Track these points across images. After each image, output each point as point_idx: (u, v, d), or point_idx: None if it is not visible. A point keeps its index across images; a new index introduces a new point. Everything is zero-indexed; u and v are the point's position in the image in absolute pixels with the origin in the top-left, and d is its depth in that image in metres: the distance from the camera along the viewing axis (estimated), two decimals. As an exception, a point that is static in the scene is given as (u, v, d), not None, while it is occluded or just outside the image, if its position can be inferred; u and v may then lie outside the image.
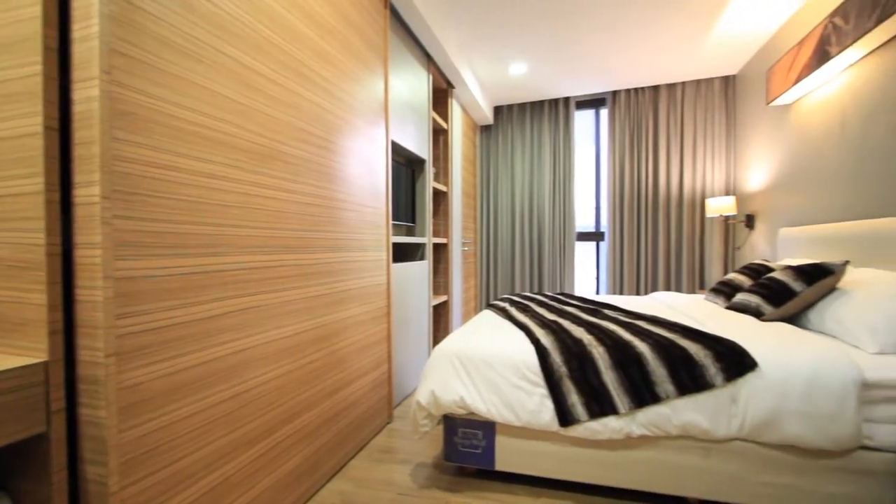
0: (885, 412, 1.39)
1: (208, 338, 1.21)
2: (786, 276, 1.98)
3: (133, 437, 1.00)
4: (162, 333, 1.08)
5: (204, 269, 1.20)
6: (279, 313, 1.51)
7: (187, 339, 1.15)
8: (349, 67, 1.98)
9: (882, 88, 2.12)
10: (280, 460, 1.51)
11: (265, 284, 1.44)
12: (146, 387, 1.04)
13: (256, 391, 1.40)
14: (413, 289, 2.87)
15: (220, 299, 1.25)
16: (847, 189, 2.40)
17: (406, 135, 2.75)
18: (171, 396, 1.10)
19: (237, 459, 1.32)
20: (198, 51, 1.18)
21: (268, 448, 1.45)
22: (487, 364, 1.70)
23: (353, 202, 2.02)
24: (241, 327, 1.33)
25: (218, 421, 1.25)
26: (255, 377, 1.40)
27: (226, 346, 1.28)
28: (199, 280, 1.18)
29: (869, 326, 1.57)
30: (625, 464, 1.61)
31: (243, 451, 1.35)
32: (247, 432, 1.36)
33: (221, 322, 1.26)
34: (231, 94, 1.29)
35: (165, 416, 1.09)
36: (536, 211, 4.71)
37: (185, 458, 1.14)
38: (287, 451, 1.55)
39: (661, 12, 2.97)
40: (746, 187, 3.78)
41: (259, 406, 1.42)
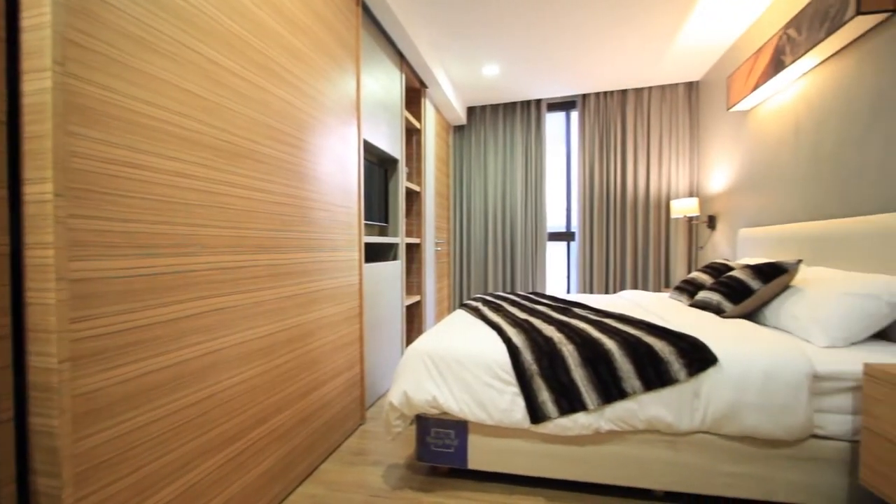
0: (835, 402, 1.47)
1: (175, 340, 1.17)
2: (744, 274, 2.08)
3: (90, 446, 0.96)
4: (123, 337, 1.03)
5: (170, 269, 1.16)
6: (251, 314, 1.48)
7: (152, 342, 1.11)
8: (320, 65, 1.95)
9: (832, 97, 2.25)
10: (251, 464, 1.48)
11: (236, 285, 1.40)
12: (105, 393, 0.99)
13: (227, 394, 1.37)
14: (386, 289, 2.85)
15: (187, 301, 1.21)
16: (801, 192, 2.53)
17: (379, 134, 2.73)
18: (134, 402, 1.06)
19: (206, 464, 1.28)
20: (160, 44, 1.14)
21: (238, 451, 1.42)
22: (460, 363, 1.71)
23: (325, 202, 1.99)
24: (210, 329, 1.30)
25: (186, 425, 1.21)
26: (225, 379, 1.36)
27: (194, 348, 1.24)
28: (164, 281, 1.14)
29: (820, 322, 1.66)
30: (594, 459, 1.65)
31: (213, 456, 1.31)
32: (217, 436, 1.32)
33: (189, 324, 1.22)
34: (196, 89, 1.26)
35: (127, 423, 1.04)
36: (509, 211, 4.76)
37: (149, 465, 1.10)
38: (258, 454, 1.52)
39: (627, 19, 3.05)
40: (708, 189, 3.94)
41: (230, 409, 1.38)
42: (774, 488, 1.52)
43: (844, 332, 1.61)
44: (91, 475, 0.96)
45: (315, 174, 1.91)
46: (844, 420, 1.46)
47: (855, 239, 1.92)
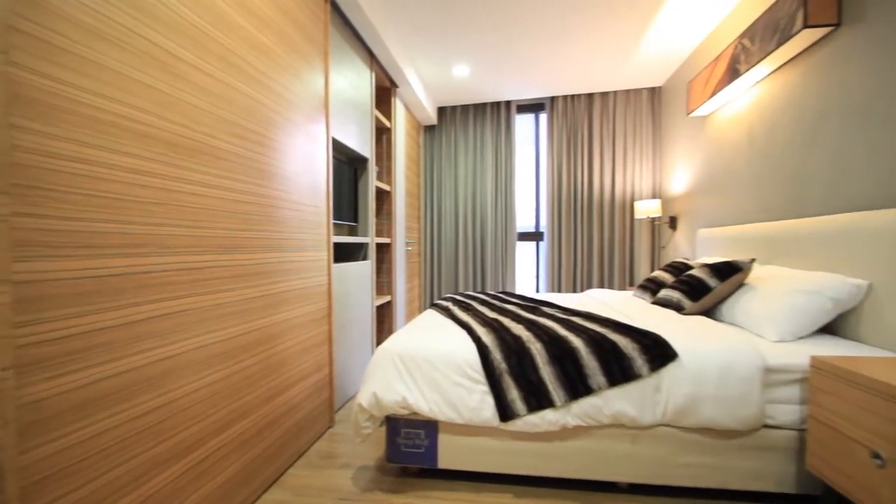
0: (784, 394, 1.55)
1: (129, 345, 1.12)
2: (702, 273, 2.17)
3: (37, 459, 0.91)
4: (72, 342, 0.98)
5: (122, 270, 1.11)
6: (211, 317, 1.43)
7: (103, 347, 1.05)
8: (287, 61, 1.91)
9: (782, 105, 2.37)
10: (213, 472, 1.43)
11: (194, 287, 1.35)
12: (52, 402, 0.94)
13: (186, 400, 1.32)
14: (355, 289, 2.82)
15: (142, 303, 1.16)
16: (754, 194, 2.66)
17: (348, 132, 2.70)
18: (84, 411, 1.01)
19: (164, 474, 1.23)
20: (114, 33, 1.09)
21: (199, 460, 1.37)
22: (430, 363, 1.71)
23: (292, 200, 1.95)
24: (166, 333, 1.24)
25: (141, 434, 1.16)
26: (184, 385, 1.31)
27: (150, 353, 1.19)
28: (116, 283, 1.09)
29: (770, 318, 1.76)
30: (561, 454, 1.68)
31: (171, 465, 1.26)
32: (175, 444, 1.27)
33: (145, 328, 1.17)
34: (153, 82, 1.20)
35: (77, 433, 0.99)
36: (479, 211, 4.79)
37: (101, 478, 1.05)
38: (220, 462, 1.47)
39: (593, 26, 3.13)
40: (670, 191, 4.09)
41: (189, 416, 1.33)
42: (729, 477, 1.59)
43: (793, 327, 1.70)
44: (38, 489, 0.91)
45: (282, 172, 1.87)
46: (793, 410, 1.54)
47: (802, 239, 2.04)
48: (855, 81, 1.86)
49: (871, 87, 1.77)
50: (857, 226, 1.72)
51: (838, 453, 1.34)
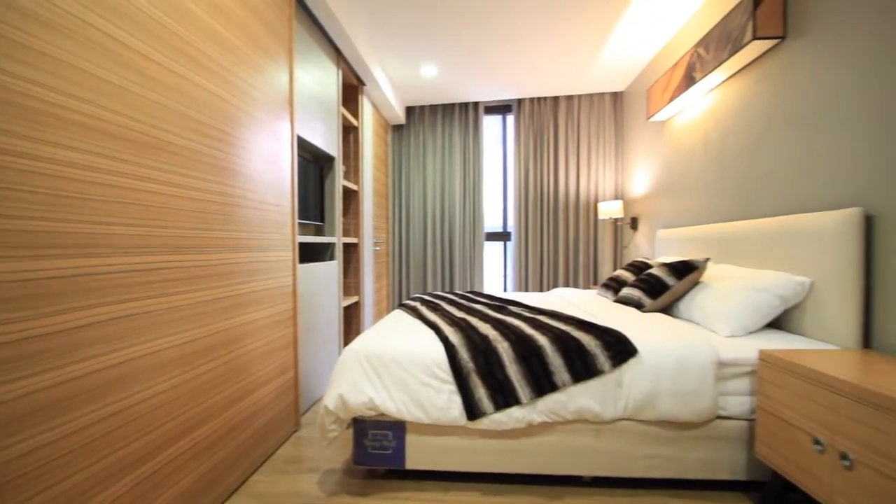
0: (736, 386, 1.63)
1: (73, 352, 1.06)
2: (661, 271, 2.25)
3: (-32, 475, 0.84)
4: (7, 350, 0.91)
5: (64, 273, 1.04)
6: (166, 320, 1.37)
7: (43, 355, 0.99)
8: (249, 55, 1.85)
9: (734, 112, 2.49)
10: (169, 482, 1.37)
11: (146, 289, 1.29)
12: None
13: (139, 409, 1.25)
14: (322, 290, 2.77)
15: (89, 307, 1.10)
16: (709, 197, 2.79)
17: (314, 130, 2.64)
18: (20, 424, 0.94)
19: (113, 488, 1.17)
20: (57, 20, 1.02)
21: (153, 470, 1.31)
22: (397, 363, 1.70)
23: (255, 199, 1.89)
24: (117, 338, 1.18)
25: (87, 447, 1.10)
26: (137, 393, 1.25)
27: (98, 360, 1.12)
28: (60, 286, 1.03)
29: (723, 314, 1.84)
30: (527, 450, 1.70)
31: (121, 478, 1.19)
32: (126, 455, 1.21)
33: (92, 333, 1.11)
34: (102, 73, 1.14)
35: (12, 448, 0.92)
36: (447, 211, 4.80)
37: (41, 495, 0.98)
38: (178, 471, 1.41)
39: (558, 30, 3.19)
40: (631, 193, 4.22)
41: (142, 425, 1.27)
42: (686, 467, 1.66)
43: (743, 322, 1.79)
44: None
45: (244, 170, 1.81)
46: (743, 401, 1.63)
47: (752, 239, 2.15)
48: (798, 90, 1.98)
49: (813, 96, 1.89)
50: (800, 227, 1.83)
51: (784, 441, 1.42)
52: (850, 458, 1.17)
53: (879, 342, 1.56)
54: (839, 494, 1.21)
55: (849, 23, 1.71)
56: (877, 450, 1.10)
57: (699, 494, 1.67)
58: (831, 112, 1.79)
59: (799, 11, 1.97)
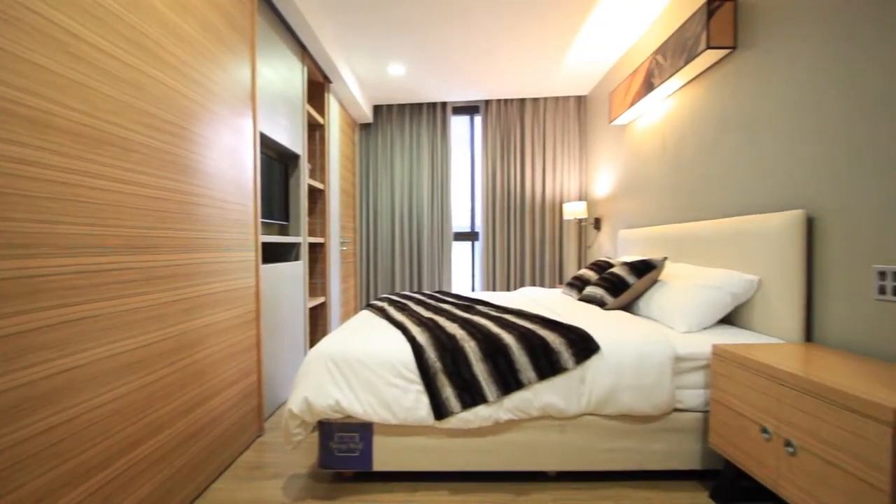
0: (691, 379, 1.71)
1: (15, 359, 0.99)
2: (622, 270, 2.33)
3: None
4: (-59, 357, 0.85)
5: (10, 274, 0.98)
6: (119, 324, 1.30)
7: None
8: (209, 49, 1.79)
9: (690, 118, 2.61)
10: (124, 492, 1.30)
11: (98, 291, 1.23)
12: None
13: (89, 417, 1.19)
14: (287, 291, 2.71)
15: (33, 311, 1.03)
16: (666, 198, 2.91)
17: (278, 127, 2.58)
18: (-43, 435, 0.88)
19: (65, 499, 1.10)
20: (2, 8, 0.96)
21: (107, 480, 1.24)
22: (363, 364, 1.68)
23: (215, 197, 1.83)
24: (66, 343, 1.12)
25: (37, 456, 1.03)
26: (87, 401, 1.18)
27: (44, 366, 1.06)
28: (1, 288, 0.96)
29: (679, 311, 1.93)
30: (493, 448, 1.73)
31: (74, 488, 1.13)
32: (75, 467, 1.15)
33: (37, 338, 1.04)
34: (49, 63, 1.08)
35: (-52, 462, 0.86)
36: (415, 211, 4.80)
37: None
38: (134, 481, 1.35)
39: (524, 32, 3.25)
40: (595, 194, 4.35)
41: (93, 434, 1.20)
42: (645, 458, 1.73)
43: (698, 318, 1.88)
44: None
45: (203, 167, 1.75)
46: (698, 394, 1.71)
47: (706, 239, 2.26)
48: (748, 98, 2.09)
49: (760, 104, 2.00)
50: (750, 227, 1.93)
51: (735, 431, 1.51)
52: (794, 445, 1.25)
53: (819, 335, 1.68)
54: (784, 479, 1.30)
55: (793, 36, 1.82)
56: (817, 436, 1.19)
57: (657, 485, 1.75)
58: (777, 120, 1.91)
59: (748, 24, 2.09)
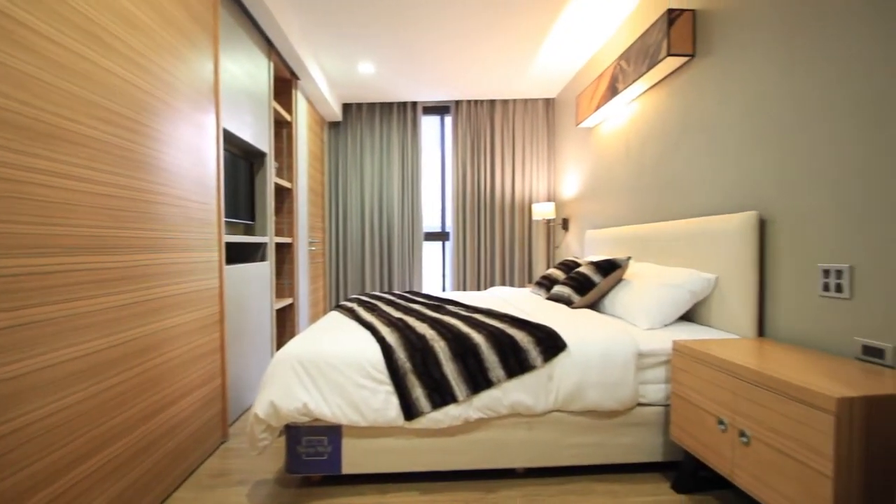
0: (654, 375, 1.77)
1: (-51, 367, 0.92)
2: (589, 270, 2.38)
3: None
4: None
5: (-59, 276, 0.91)
6: (70, 328, 1.23)
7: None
8: (168, 40, 1.72)
9: (653, 122, 2.70)
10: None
11: (46, 294, 1.16)
12: None
13: (34, 429, 1.12)
14: (252, 292, 2.63)
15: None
16: (630, 200, 3.00)
17: (243, 124, 2.51)
18: None
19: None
20: (-73, -13, 0.89)
21: (55, 495, 1.17)
22: (332, 366, 1.66)
23: (175, 196, 1.76)
24: (10, 349, 1.05)
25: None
26: (33, 410, 1.11)
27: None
28: (-69, 292, 0.89)
29: (642, 308, 1.99)
30: (463, 447, 1.73)
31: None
32: (17, 483, 1.08)
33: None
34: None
35: None
36: (386, 211, 4.76)
37: None
38: (85, 494, 1.28)
39: (493, 34, 3.28)
40: (563, 195, 4.44)
41: (42, 445, 1.13)
42: (610, 452, 1.77)
43: (660, 316, 1.95)
44: None
45: (162, 164, 1.68)
46: (660, 388, 1.77)
47: (667, 239, 2.34)
48: (706, 104, 2.18)
49: (717, 109, 2.10)
50: (708, 228, 2.02)
51: (694, 423, 1.57)
52: (748, 435, 1.31)
53: (771, 330, 1.77)
54: (739, 468, 1.36)
55: (745, 46, 1.91)
56: (768, 426, 1.25)
57: (622, 478, 1.80)
58: (732, 125, 2.00)
59: (706, 33, 2.18)
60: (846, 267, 1.45)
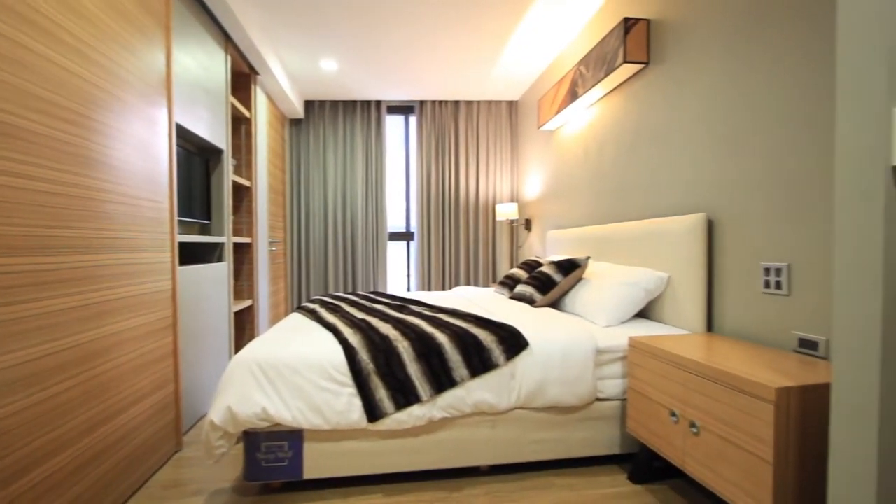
0: (611, 370, 1.84)
1: None
2: (550, 269, 2.44)
3: None
4: None
5: None
6: (4, 334, 1.14)
7: None
8: (115, 29, 1.63)
9: (610, 126, 2.80)
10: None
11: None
12: None
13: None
14: (209, 294, 2.53)
15: None
16: (589, 201, 3.10)
17: (198, 119, 2.41)
18: None
19: (-77, 543, 0.95)
20: None
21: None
22: (292, 369, 1.62)
23: (123, 193, 1.67)
24: (-72, 359, 0.96)
25: None
26: (-44, 425, 1.03)
27: None
28: None
29: (600, 306, 2.06)
30: (427, 447, 1.74)
31: (-65, 530, 0.98)
32: (-58, 503, 0.99)
33: None
34: None
35: None
36: (349, 210, 4.70)
37: None
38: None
39: (457, 34, 3.30)
40: (525, 196, 4.52)
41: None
42: (571, 447, 1.83)
43: (617, 313, 2.02)
44: None
45: (109, 160, 1.59)
46: (617, 384, 1.84)
47: (624, 239, 2.43)
48: (659, 110, 2.29)
49: (669, 116, 2.20)
50: (661, 229, 2.11)
51: (648, 416, 1.64)
52: (697, 426, 1.39)
53: (718, 326, 1.87)
54: (689, 457, 1.43)
55: (697, 55, 2.01)
56: (716, 416, 1.32)
57: (581, 471, 1.85)
58: (683, 130, 2.10)
59: (660, 42, 2.28)
60: (784, 265, 1.56)
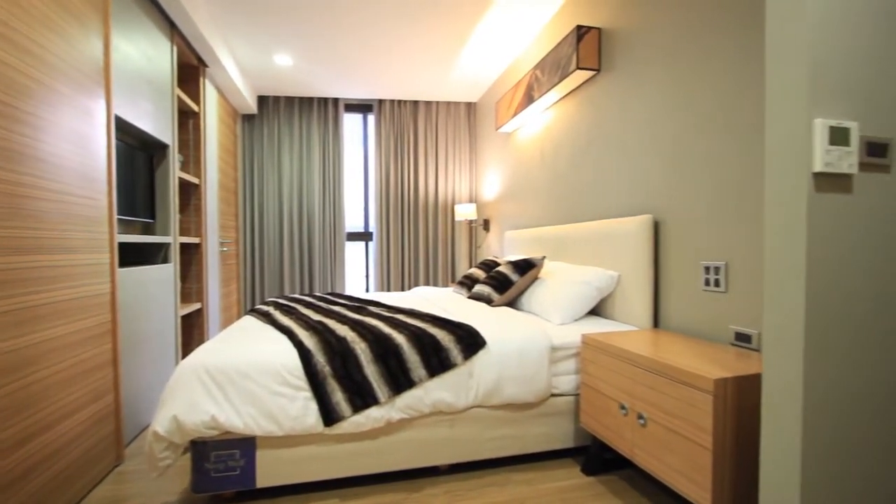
0: (565, 367, 1.89)
1: None
2: (507, 269, 2.49)
3: None
4: None
5: None
6: None
7: None
8: (46, 14, 1.51)
9: (565, 130, 2.88)
10: (-88, 560, 1.04)
11: None
12: None
13: None
14: (153, 297, 2.40)
15: None
16: (545, 202, 3.18)
17: (140, 112, 2.27)
18: None
19: None
20: None
21: None
22: (243, 374, 1.56)
23: (53, 189, 1.55)
24: None
25: None
26: None
27: None
28: None
29: (555, 305, 2.12)
30: (386, 449, 1.72)
31: None
32: None
33: None
34: None
35: None
36: (306, 210, 4.58)
37: None
38: (-73, 544, 1.08)
39: (415, 34, 3.30)
40: (484, 197, 4.58)
41: None
42: (527, 442, 1.87)
43: (570, 311, 2.09)
44: None
45: (36, 154, 1.47)
46: (571, 379, 1.89)
47: (577, 239, 2.52)
48: (609, 116, 2.38)
49: (618, 121, 2.29)
50: (611, 229, 2.20)
51: (600, 410, 1.70)
52: (645, 418, 1.45)
53: (664, 322, 1.97)
54: (637, 448, 1.50)
55: (643, 64, 2.11)
56: (661, 408, 1.39)
57: (538, 466, 1.90)
58: (631, 135, 2.20)
59: (610, 50, 2.37)
60: (722, 264, 1.66)
